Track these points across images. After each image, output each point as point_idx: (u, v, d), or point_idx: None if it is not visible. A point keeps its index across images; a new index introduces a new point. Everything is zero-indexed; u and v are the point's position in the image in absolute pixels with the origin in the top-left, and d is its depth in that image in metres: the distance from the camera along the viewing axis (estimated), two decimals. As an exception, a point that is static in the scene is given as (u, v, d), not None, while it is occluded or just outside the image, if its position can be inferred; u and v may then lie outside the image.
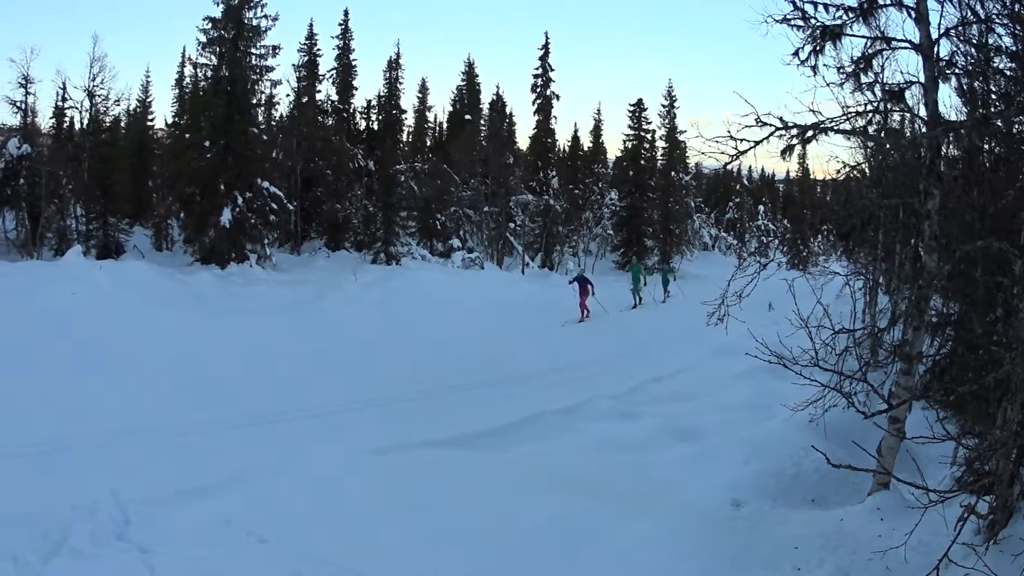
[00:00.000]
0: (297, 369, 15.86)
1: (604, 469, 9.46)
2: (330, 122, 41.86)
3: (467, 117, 48.43)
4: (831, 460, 6.24)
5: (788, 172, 72.73)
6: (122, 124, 40.88)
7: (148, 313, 20.61)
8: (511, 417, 11.70)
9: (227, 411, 11.97)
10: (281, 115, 41.67)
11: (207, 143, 31.97)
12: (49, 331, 17.27)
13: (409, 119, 48.34)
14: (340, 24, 42.25)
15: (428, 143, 50.59)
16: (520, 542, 7.31)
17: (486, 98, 50.18)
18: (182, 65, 44.26)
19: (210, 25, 32.75)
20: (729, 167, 10.74)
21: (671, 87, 52.15)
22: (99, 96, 34.72)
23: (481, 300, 23.76)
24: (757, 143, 8.48)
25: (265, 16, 33.15)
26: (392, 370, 16.22)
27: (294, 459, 8.98)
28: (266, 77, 34.46)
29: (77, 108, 35.21)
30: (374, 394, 13.71)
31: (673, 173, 52.23)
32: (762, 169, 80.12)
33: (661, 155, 52.01)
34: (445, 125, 52.78)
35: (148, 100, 44.60)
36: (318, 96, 42.14)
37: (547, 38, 46.87)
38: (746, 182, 70.72)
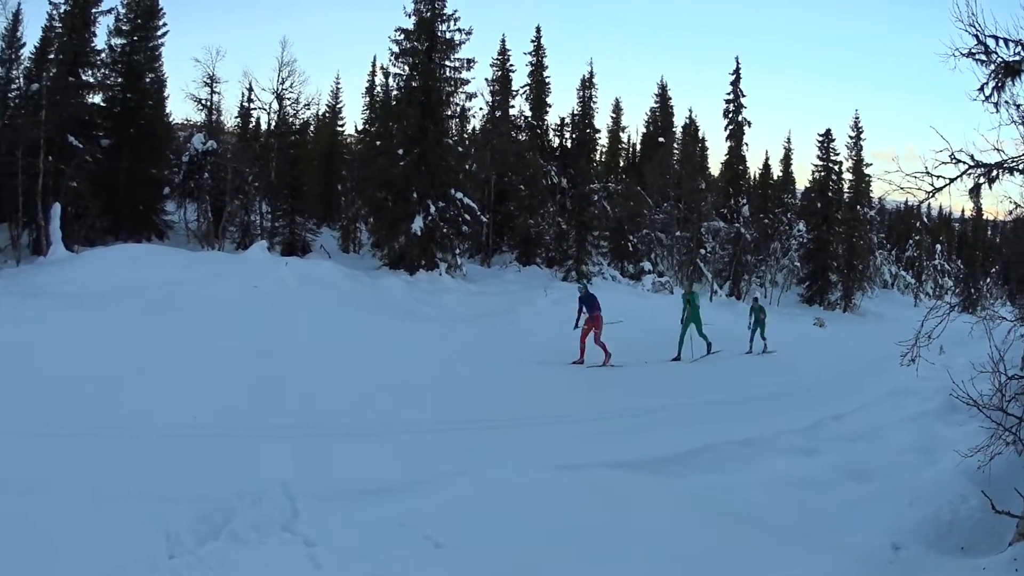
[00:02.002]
0: (482, 379, 14.93)
1: (774, 504, 8.75)
2: (523, 137, 39.83)
3: (660, 139, 46.63)
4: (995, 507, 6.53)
5: (963, 211, 68.05)
6: (311, 128, 39.93)
7: (332, 312, 20.26)
8: (691, 444, 10.88)
9: (409, 415, 11.30)
10: (474, 128, 39.80)
11: (400, 151, 30.49)
12: (229, 321, 17.04)
13: (602, 139, 45.82)
14: (532, 41, 40.58)
15: (621, 163, 48.83)
16: (684, 569, 6.79)
17: (679, 121, 48.45)
18: (372, 74, 43.66)
19: (403, 36, 31.41)
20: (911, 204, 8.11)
21: (857, 118, 47.89)
22: (288, 99, 34.28)
23: (670, 325, 21.22)
24: (952, 180, 8.35)
25: (459, 30, 31.83)
26: (576, 388, 15.41)
27: (475, 468, 8.25)
28: (461, 90, 32.92)
29: (265, 109, 35.09)
30: (557, 410, 12.96)
31: (858, 207, 48.07)
32: (939, 207, 73.83)
33: (848, 188, 47.76)
34: (639, 146, 50.85)
35: (338, 106, 43.84)
36: (511, 111, 40.51)
37: (738, 63, 44.53)
38: (924, 219, 65.64)
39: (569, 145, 40.09)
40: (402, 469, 8.30)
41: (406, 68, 31.74)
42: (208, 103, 33.42)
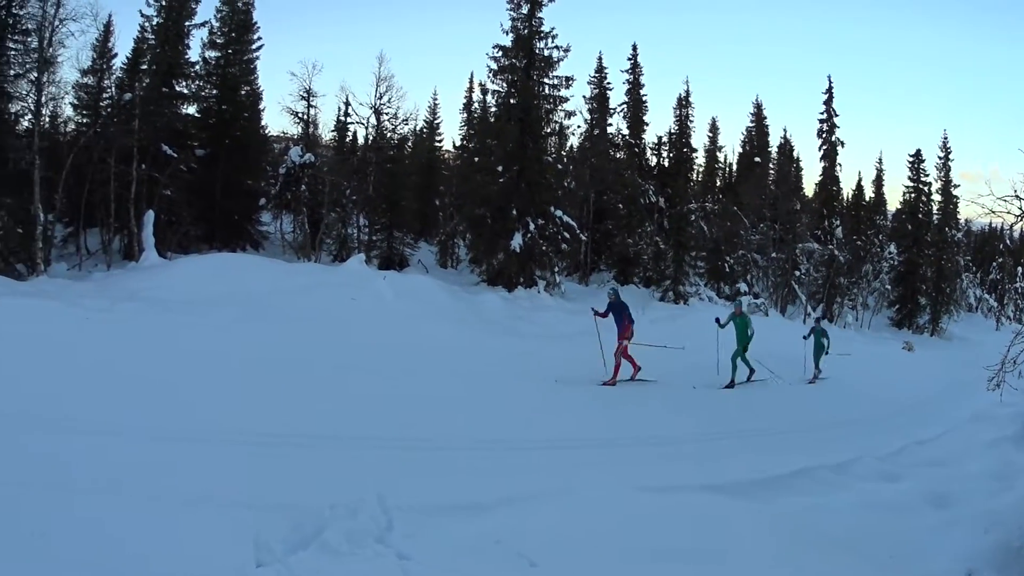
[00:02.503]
0: (576, 398, 14.38)
1: (863, 529, 8.72)
2: (621, 156, 38.89)
3: (756, 159, 46.02)
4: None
5: (1045, 232, 64.36)
6: (408, 143, 39.09)
7: (429, 326, 19.66)
8: (784, 468, 10.91)
9: (508, 431, 11.10)
10: (572, 146, 39.20)
11: (500, 168, 29.64)
12: (324, 332, 16.54)
13: (699, 158, 44.66)
14: (629, 59, 39.46)
15: (718, 183, 47.82)
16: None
17: (774, 140, 47.36)
18: (470, 90, 42.93)
19: (500, 53, 30.69)
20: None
21: (946, 138, 45.56)
22: (386, 114, 33.63)
23: (762, 349, 19.71)
24: (1042, 203, 7.97)
25: (556, 47, 30.82)
26: (668, 408, 14.83)
27: (572, 487, 8.18)
28: (560, 107, 31.75)
29: (363, 124, 34.61)
30: (649, 431, 12.70)
31: (946, 229, 46.08)
32: (1021, 229, 71.01)
33: (937, 209, 45.94)
34: (735, 166, 49.83)
35: (436, 122, 43.36)
36: (609, 129, 39.48)
37: (830, 82, 42.67)
38: (1007, 242, 62.74)
39: (666, 164, 38.85)
40: (499, 486, 8.16)
41: (504, 85, 31.02)
42: (305, 116, 32.86)
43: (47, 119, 28.61)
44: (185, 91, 30.08)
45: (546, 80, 30.86)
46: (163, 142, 28.09)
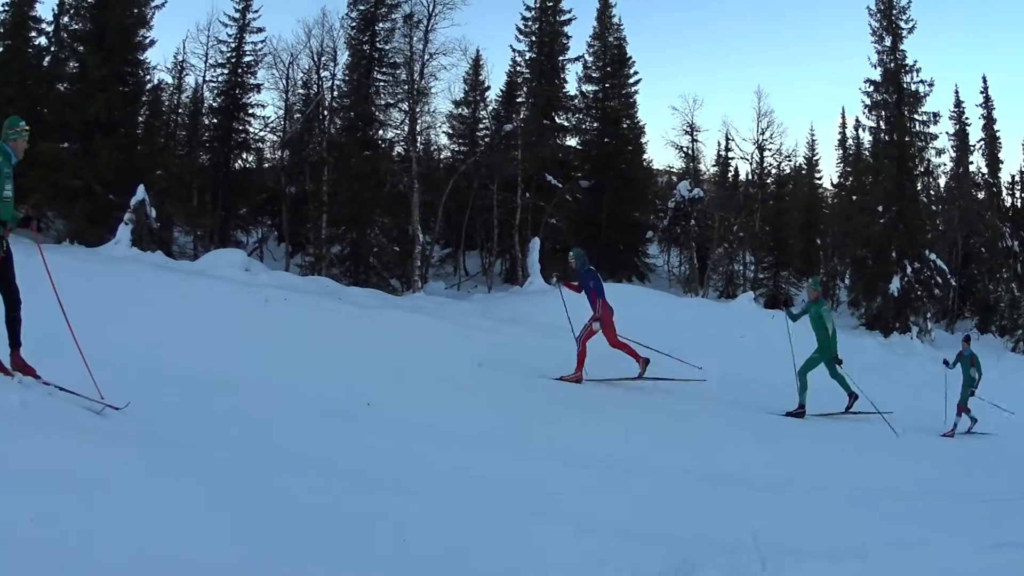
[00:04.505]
0: (961, 450, 12.75)
1: None
2: (980, 196, 36.28)
3: None
4: None
5: None
6: (791, 180, 37.59)
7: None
8: None
9: (888, 480, 9.50)
10: (938, 186, 36.40)
11: (879, 208, 28.36)
12: (712, 366, 14.17)
13: None
14: (981, 91, 35.95)
15: None
16: None
17: None
18: (843, 126, 40.46)
19: (872, 88, 29.28)
20: None
21: None
22: (769, 149, 33.20)
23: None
24: None
25: (921, 81, 29.31)
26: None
27: (915, 541, 6.69)
28: (930, 144, 30.01)
29: (746, 159, 34.21)
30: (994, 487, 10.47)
31: None
32: None
33: None
34: None
35: (815, 158, 40.37)
36: (970, 168, 36.97)
37: None
38: None
39: (1020, 204, 36.28)
40: (873, 532, 7.30)
41: (878, 121, 29.67)
42: (689, 151, 32.53)
43: (421, 146, 28.80)
44: (565, 123, 30.17)
45: (915, 116, 29.37)
46: (547, 172, 28.08)
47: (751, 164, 33.21)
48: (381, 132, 28.89)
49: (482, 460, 7.17)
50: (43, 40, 29.55)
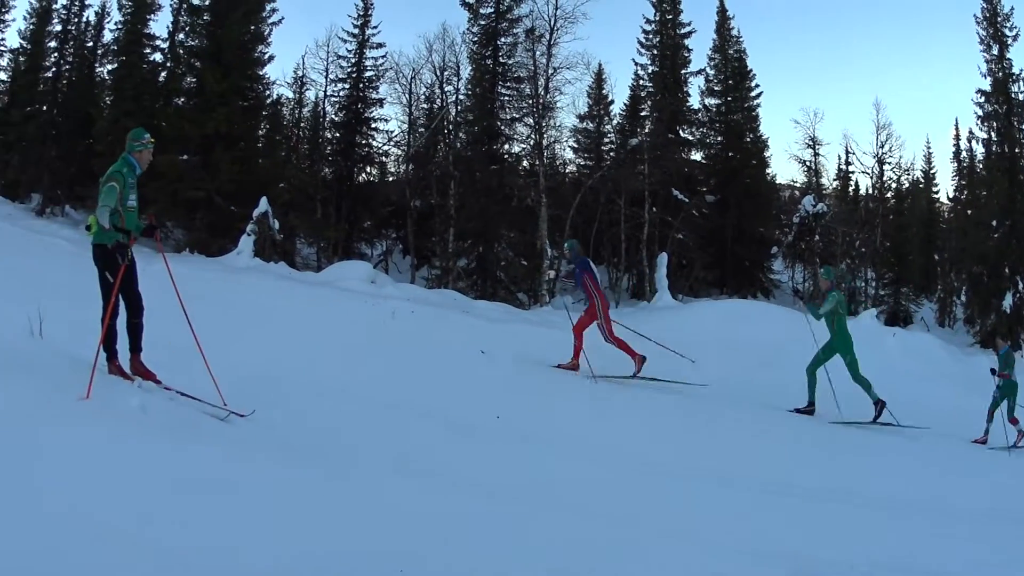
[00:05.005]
0: None
1: None
2: None
3: None
4: None
5: None
6: (910, 194, 37.45)
7: (931, 387, 17.03)
8: None
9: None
10: None
11: (993, 222, 28.21)
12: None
13: None
14: None
15: None
16: None
17: None
18: (956, 138, 39.52)
19: (983, 99, 28.86)
20: None
21: None
22: (888, 163, 32.77)
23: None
24: None
25: None
26: None
27: None
28: None
29: (867, 173, 33.46)
30: None
31: None
32: None
33: None
34: None
35: (932, 171, 40.32)
36: None
37: None
38: None
39: None
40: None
41: (990, 133, 29.35)
42: (811, 164, 32.51)
43: (548, 160, 29.08)
44: (690, 137, 30.23)
45: (1024, 127, 29.14)
46: (673, 187, 28.22)
47: (871, 178, 33.02)
48: (507, 146, 29.20)
49: (615, 475, 6.99)
50: (158, 56, 30.08)
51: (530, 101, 28.21)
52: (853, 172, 33.99)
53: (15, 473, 3.92)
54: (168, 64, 29.90)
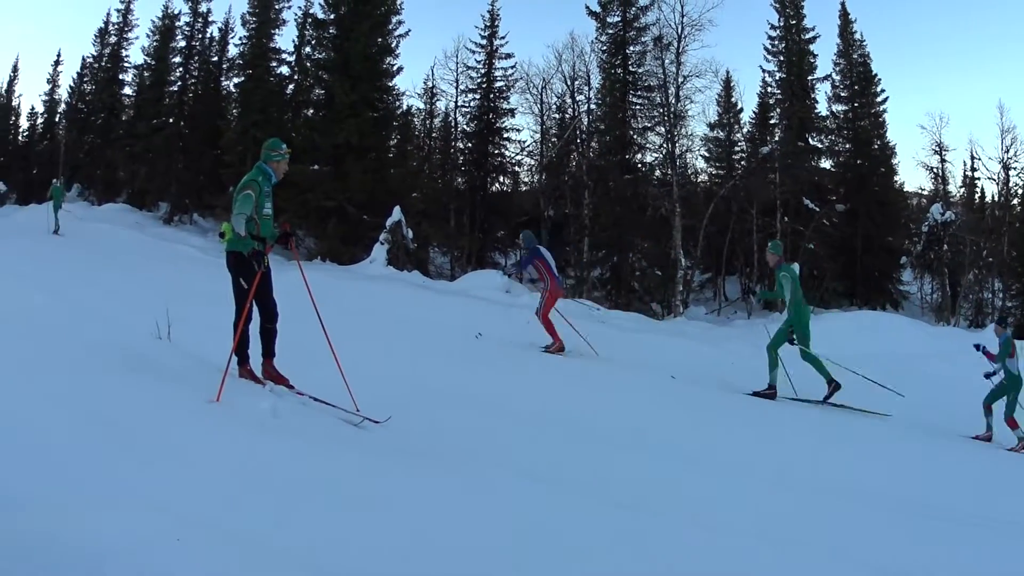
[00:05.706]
0: None
1: None
2: None
3: None
4: None
5: None
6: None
7: None
8: None
9: None
10: None
11: None
12: (957, 402, 12.23)
13: None
14: None
15: None
16: None
17: None
18: None
19: None
20: None
21: None
22: (1014, 168, 31.43)
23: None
24: None
25: None
26: None
27: None
28: None
29: (993, 179, 32.35)
30: None
31: None
32: None
33: None
34: None
35: None
36: None
37: None
38: None
39: None
40: None
41: None
42: (938, 171, 32.00)
43: (681, 169, 29.29)
44: (819, 145, 30.02)
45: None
46: (804, 195, 28.33)
47: (997, 184, 32.04)
48: (640, 155, 29.47)
49: (740, 487, 6.41)
50: (284, 69, 30.54)
51: (661, 110, 28.44)
52: (979, 179, 33.28)
53: (145, 472, 4.02)
54: (295, 77, 30.22)
